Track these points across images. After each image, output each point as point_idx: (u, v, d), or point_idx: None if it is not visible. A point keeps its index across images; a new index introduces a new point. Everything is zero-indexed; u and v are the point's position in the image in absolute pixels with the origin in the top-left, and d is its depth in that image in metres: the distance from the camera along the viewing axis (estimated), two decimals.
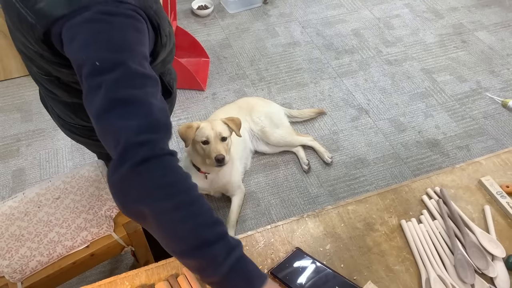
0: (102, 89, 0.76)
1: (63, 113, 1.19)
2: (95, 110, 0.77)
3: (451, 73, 2.92)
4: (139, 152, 0.73)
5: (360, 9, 3.44)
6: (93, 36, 0.78)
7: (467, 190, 1.17)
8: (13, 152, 2.44)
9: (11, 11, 0.88)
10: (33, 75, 1.14)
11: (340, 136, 2.56)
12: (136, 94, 0.77)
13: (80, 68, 0.79)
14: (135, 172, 0.73)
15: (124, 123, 0.75)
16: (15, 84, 2.81)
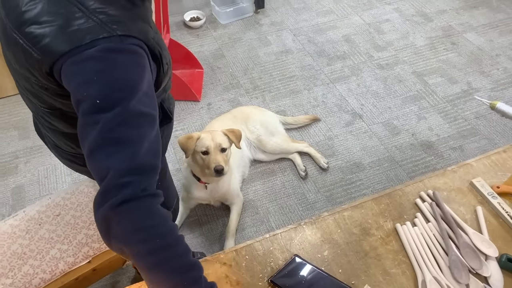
0: (98, 125, 0.78)
1: (63, 143, 1.19)
2: (88, 145, 0.80)
3: (442, 75, 2.97)
4: (120, 194, 0.76)
5: (350, 15, 3.49)
6: (96, 74, 0.80)
7: (459, 192, 1.20)
8: (12, 170, 2.46)
9: (17, 49, 0.89)
10: (33, 110, 1.14)
11: (335, 141, 2.59)
12: (129, 135, 0.80)
13: (78, 103, 0.81)
14: (114, 213, 0.76)
15: (111, 163, 0.78)
16: (12, 101, 2.83)
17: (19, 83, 1.03)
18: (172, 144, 2.56)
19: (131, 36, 0.84)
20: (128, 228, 0.76)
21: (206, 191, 2.08)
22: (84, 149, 0.81)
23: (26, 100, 1.12)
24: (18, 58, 0.91)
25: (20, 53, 0.88)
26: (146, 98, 0.84)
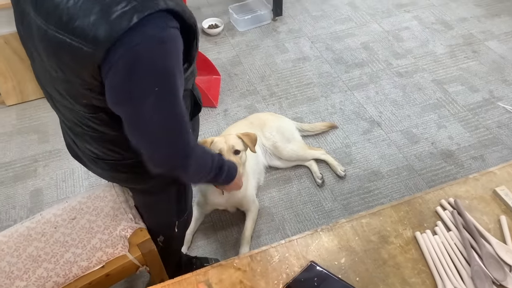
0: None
1: (108, 150, 1.19)
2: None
3: (463, 83, 2.91)
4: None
5: (369, 22, 3.47)
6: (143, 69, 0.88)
7: (482, 200, 1.17)
8: (31, 173, 2.49)
9: (63, 52, 0.88)
10: (73, 119, 1.13)
11: (353, 149, 2.56)
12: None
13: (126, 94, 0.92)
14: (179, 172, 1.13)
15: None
16: (32, 106, 2.88)
17: (58, 90, 1.03)
18: None
19: (172, 11, 0.87)
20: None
21: (222, 197, 2.07)
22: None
23: (65, 110, 1.12)
24: (64, 62, 0.91)
25: (66, 55, 0.88)
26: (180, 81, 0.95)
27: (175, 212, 1.56)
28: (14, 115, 2.82)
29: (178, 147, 1.04)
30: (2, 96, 2.84)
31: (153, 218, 1.60)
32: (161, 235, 1.62)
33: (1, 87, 2.80)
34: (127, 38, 0.83)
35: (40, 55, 0.98)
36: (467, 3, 3.61)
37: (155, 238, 1.60)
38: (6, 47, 2.63)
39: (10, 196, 2.37)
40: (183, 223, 1.68)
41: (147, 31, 0.84)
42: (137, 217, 1.54)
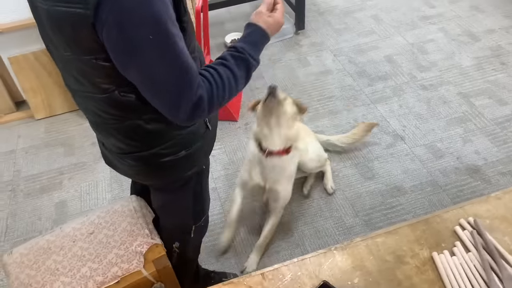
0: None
1: (129, 139, 1.24)
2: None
3: (490, 97, 2.83)
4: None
5: (393, 35, 3.43)
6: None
7: (504, 220, 1.12)
8: (56, 185, 2.55)
9: (65, 24, 0.96)
10: (93, 111, 1.21)
11: (375, 163, 2.51)
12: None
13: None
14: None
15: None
16: (60, 120, 2.96)
17: (74, 76, 1.11)
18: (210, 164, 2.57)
19: None
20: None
21: (261, 165, 1.96)
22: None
23: (85, 100, 1.19)
24: (67, 35, 0.98)
25: (67, 25, 0.95)
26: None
27: (191, 214, 1.59)
28: (42, 129, 2.91)
29: (192, 96, 1.02)
30: (31, 110, 2.94)
31: (170, 219, 1.63)
32: (177, 241, 1.64)
33: (30, 102, 2.89)
34: None
35: (52, 40, 1.06)
36: (495, 14, 3.53)
37: (171, 245, 1.63)
38: (36, 63, 2.73)
39: (37, 208, 2.43)
40: (200, 229, 1.70)
41: None
42: (153, 233, 1.55)
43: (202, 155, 1.41)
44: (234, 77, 1.09)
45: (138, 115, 1.16)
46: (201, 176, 1.50)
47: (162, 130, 1.22)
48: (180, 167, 1.35)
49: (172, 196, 1.50)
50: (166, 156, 1.28)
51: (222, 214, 2.32)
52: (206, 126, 1.36)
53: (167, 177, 1.39)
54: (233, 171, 2.54)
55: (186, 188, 1.47)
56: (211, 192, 2.41)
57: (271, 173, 1.96)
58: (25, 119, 2.97)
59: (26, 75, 2.77)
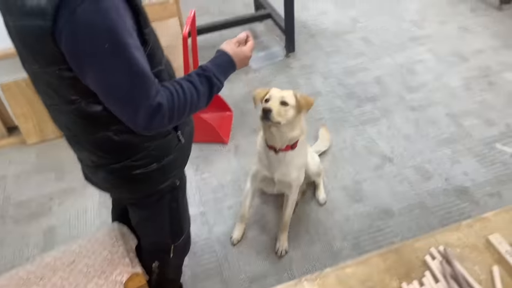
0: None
1: (100, 151, 1.28)
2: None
3: (478, 117, 2.85)
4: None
5: (382, 56, 3.46)
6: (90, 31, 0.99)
7: (474, 249, 1.12)
8: (46, 211, 2.56)
9: (28, 36, 1.02)
10: (65, 125, 1.25)
11: (364, 185, 2.51)
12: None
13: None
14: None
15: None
16: (51, 144, 2.98)
17: (46, 92, 1.16)
18: (198, 187, 2.58)
19: None
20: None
21: (270, 159, 2.01)
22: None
23: (58, 114, 1.24)
24: (33, 48, 1.04)
25: (31, 38, 1.01)
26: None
27: (169, 232, 1.60)
28: (34, 154, 2.93)
29: (149, 102, 1.06)
30: (23, 135, 2.96)
31: (148, 237, 1.65)
32: (156, 261, 1.65)
33: (22, 127, 2.92)
34: (67, 2, 0.94)
35: (22, 56, 1.12)
36: (483, 34, 3.57)
37: (150, 264, 1.63)
38: (27, 90, 2.76)
39: (25, 235, 2.43)
40: (180, 249, 1.71)
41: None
42: (134, 261, 1.55)
43: (174, 169, 1.43)
44: (196, 91, 1.16)
45: (106, 126, 1.20)
46: (177, 192, 1.52)
47: (131, 141, 1.25)
48: (152, 180, 1.38)
49: (147, 212, 1.53)
50: (137, 169, 1.31)
51: (210, 239, 2.32)
52: (178, 139, 1.37)
53: (140, 190, 1.42)
54: (222, 195, 2.54)
55: (162, 204, 1.49)
56: (199, 216, 2.42)
57: (278, 167, 2.03)
58: (16, 144, 3.00)
59: (18, 101, 2.80)
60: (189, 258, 2.22)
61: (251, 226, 2.36)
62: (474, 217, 1.19)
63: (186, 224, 1.69)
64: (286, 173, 2.05)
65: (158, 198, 1.46)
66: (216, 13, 4.19)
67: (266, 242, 2.27)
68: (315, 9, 4.12)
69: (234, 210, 2.45)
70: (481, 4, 3.93)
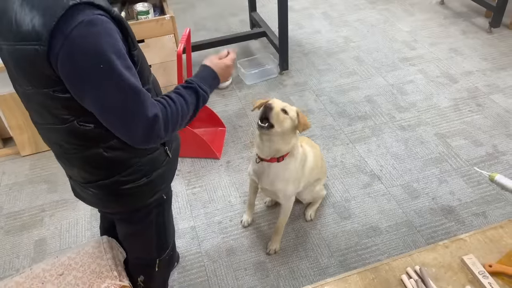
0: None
1: (90, 168, 1.32)
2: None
3: (466, 137, 2.90)
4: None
5: (374, 76, 3.53)
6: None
7: (449, 269, 1.16)
8: (37, 223, 2.58)
9: (26, 63, 1.06)
10: (58, 142, 1.28)
11: (352, 203, 2.55)
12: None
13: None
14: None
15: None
16: (45, 156, 3.01)
17: (38, 111, 1.20)
18: (189, 202, 2.61)
19: (93, 3, 1.04)
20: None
21: (257, 166, 2.07)
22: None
23: (48, 132, 1.27)
24: (28, 72, 1.09)
25: (26, 62, 1.06)
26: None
27: (154, 246, 1.65)
28: (27, 165, 2.96)
29: (146, 115, 1.11)
30: (17, 146, 2.99)
31: (134, 251, 1.69)
32: (142, 275, 1.69)
33: (17, 139, 2.95)
34: (61, 27, 0.99)
35: (15, 78, 1.16)
36: (473, 57, 3.65)
37: (135, 278, 1.67)
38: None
39: (15, 245, 2.45)
40: (165, 263, 1.75)
41: (77, 18, 1.00)
42: (122, 275, 1.58)
43: (163, 183, 1.47)
44: (185, 102, 1.23)
45: (97, 143, 1.24)
46: (163, 206, 1.57)
47: (122, 157, 1.30)
48: (141, 195, 1.42)
49: (134, 227, 1.57)
50: (126, 184, 1.35)
51: (200, 254, 2.34)
52: (167, 154, 1.44)
53: (129, 205, 1.46)
54: (212, 209, 2.57)
55: (149, 219, 1.53)
56: (189, 230, 2.45)
57: (262, 175, 2.09)
58: (11, 155, 3.03)
59: (13, 113, 2.84)
60: (177, 273, 2.25)
61: (239, 241, 2.38)
62: (450, 238, 1.23)
63: (171, 238, 1.74)
64: (270, 183, 2.08)
65: (146, 213, 1.51)
66: (213, 29, 4.27)
67: (254, 259, 2.30)
68: (309, 28, 4.21)
69: (224, 225, 2.48)
70: (471, 27, 4.02)
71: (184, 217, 2.54)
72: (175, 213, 2.55)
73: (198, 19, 4.45)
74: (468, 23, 4.09)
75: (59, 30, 0.99)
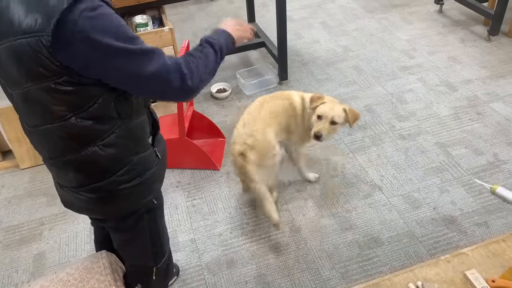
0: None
1: (84, 172, 1.33)
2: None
3: (467, 146, 2.89)
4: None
5: (373, 85, 3.53)
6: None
7: (452, 284, 1.14)
8: (36, 236, 2.56)
9: (27, 57, 1.07)
10: (50, 147, 1.29)
11: (353, 214, 2.54)
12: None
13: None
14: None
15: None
16: (44, 169, 2.99)
17: (33, 110, 1.21)
18: (189, 214, 2.60)
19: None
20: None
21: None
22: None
23: (42, 136, 1.27)
24: (28, 66, 1.10)
25: (28, 57, 1.07)
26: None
27: (150, 255, 1.65)
28: (26, 178, 2.95)
29: (171, 64, 1.19)
30: (17, 159, 2.98)
31: (130, 259, 1.70)
32: (139, 283, 1.69)
33: (16, 151, 2.95)
34: (67, 17, 1.03)
35: (11, 78, 1.16)
36: (472, 65, 3.65)
37: (133, 287, 1.66)
38: None
39: (14, 260, 2.44)
40: (162, 271, 1.76)
41: (80, 6, 1.05)
42: None
43: (154, 183, 1.49)
44: (202, 52, 1.30)
45: (94, 141, 1.26)
46: (154, 212, 1.58)
47: (116, 155, 1.31)
48: (133, 196, 1.43)
49: (128, 235, 1.57)
50: (120, 184, 1.36)
51: (200, 267, 2.32)
52: (156, 155, 1.47)
53: (122, 208, 1.46)
54: (212, 221, 2.56)
55: (141, 225, 1.54)
56: (189, 243, 2.43)
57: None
58: (10, 168, 3.02)
59: (12, 126, 2.83)
60: (177, 286, 2.23)
61: (240, 254, 2.37)
62: (452, 252, 1.22)
63: (166, 246, 1.74)
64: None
65: (136, 219, 1.51)
66: None
67: (254, 271, 2.28)
68: (308, 37, 4.21)
69: (224, 237, 2.46)
70: (470, 35, 4.02)
71: (184, 229, 2.52)
72: (174, 225, 2.54)
73: (197, 30, 4.47)
74: (466, 31, 4.09)
75: (66, 20, 1.03)
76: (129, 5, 3.00)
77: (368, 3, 4.72)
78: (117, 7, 2.49)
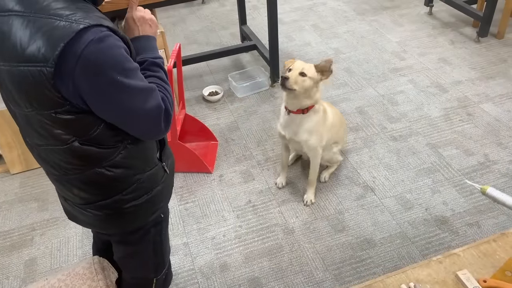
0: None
1: (93, 189, 1.31)
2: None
3: (457, 147, 2.92)
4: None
5: (364, 87, 3.55)
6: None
7: (444, 285, 1.15)
8: (27, 242, 2.54)
9: (27, 84, 1.05)
10: (54, 164, 1.26)
11: (346, 215, 2.54)
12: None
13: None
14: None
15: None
16: (35, 174, 2.98)
17: (36, 130, 1.18)
18: (182, 217, 2.59)
19: (102, 25, 1.06)
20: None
21: (284, 120, 2.42)
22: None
23: (47, 153, 1.24)
24: (29, 93, 1.07)
25: (29, 85, 1.04)
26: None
27: (152, 266, 1.64)
28: (17, 183, 2.92)
29: (162, 106, 1.19)
30: (7, 164, 2.96)
31: (131, 271, 1.67)
32: None
33: (6, 156, 2.92)
34: (71, 48, 1.00)
35: (14, 99, 1.13)
36: (462, 66, 3.68)
37: None
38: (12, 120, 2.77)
39: (5, 266, 2.41)
40: (161, 283, 1.74)
41: (86, 37, 1.02)
42: None
43: (161, 200, 1.47)
44: (157, 78, 1.28)
45: (99, 163, 1.23)
46: (161, 226, 1.56)
47: (123, 175, 1.28)
48: (141, 213, 1.41)
49: (132, 248, 1.55)
50: (128, 202, 1.34)
51: (193, 270, 2.32)
52: (164, 170, 1.44)
53: (128, 225, 1.44)
54: (205, 225, 2.55)
55: (147, 239, 1.52)
56: (182, 247, 2.43)
57: (289, 126, 2.41)
58: (0, 173, 2.99)
59: (2, 130, 2.81)
60: None
61: (233, 257, 2.36)
62: (444, 253, 1.23)
63: (167, 256, 1.73)
64: (296, 133, 2.40)
65: (144, 233, 1.49)
66: (204, 43, 4.28)
67: (248, 274, 2.28)
68: (300, 40, 4.23)
69: (217, 240, 2.45)
70: (459, 37, 4.06)
71: (177, 233, 2.51)
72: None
73: (189, 33, 4.46)
74: (456, 33, 4.13)
75: (70, 52, 1.00)
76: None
77: (359, 5, 4.75)
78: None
